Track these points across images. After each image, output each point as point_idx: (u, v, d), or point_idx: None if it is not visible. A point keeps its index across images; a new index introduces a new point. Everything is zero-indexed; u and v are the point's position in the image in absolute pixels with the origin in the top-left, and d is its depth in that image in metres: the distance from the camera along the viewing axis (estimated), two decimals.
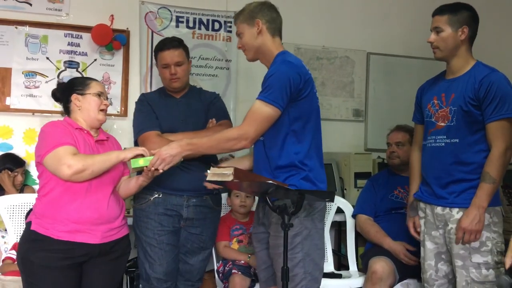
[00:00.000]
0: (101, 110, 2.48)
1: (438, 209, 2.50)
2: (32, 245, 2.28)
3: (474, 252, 2.40)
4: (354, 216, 3.47)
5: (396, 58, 4.61)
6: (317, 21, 4.45)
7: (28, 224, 2.35)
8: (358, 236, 3.57)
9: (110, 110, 3.86)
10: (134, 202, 2.80)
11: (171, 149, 2.30)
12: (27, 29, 3.76)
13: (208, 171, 2.13)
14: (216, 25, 4.23)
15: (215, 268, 3.24)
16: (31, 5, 3.77)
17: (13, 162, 3.46)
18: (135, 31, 3.97)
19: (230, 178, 2.00)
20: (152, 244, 2.70)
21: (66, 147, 2.28)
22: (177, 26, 4.13)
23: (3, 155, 3.57)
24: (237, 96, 4.24)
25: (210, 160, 2.65)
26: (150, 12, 4.04)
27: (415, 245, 2.93)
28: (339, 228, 4.09)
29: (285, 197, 2.38)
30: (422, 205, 2.63)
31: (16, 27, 3.74)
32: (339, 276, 3.32)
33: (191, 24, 4.17)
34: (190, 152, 2.34)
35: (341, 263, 4.00)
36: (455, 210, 2.46)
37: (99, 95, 2.48)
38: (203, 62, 4.20)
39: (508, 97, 2.38)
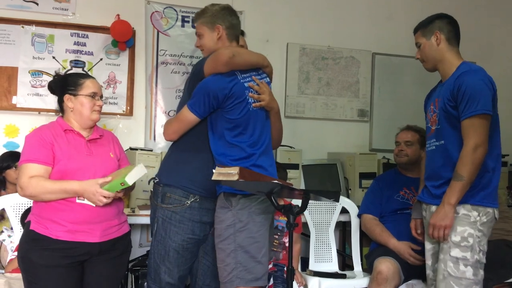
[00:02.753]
0: (95, 110, 2.43)
1: (433, 208, 2.51)
2: (32, 244, 2.28)
3: (454, 247, 2.41)
4: (359, 216, 3.47)
5: (401, 58, 4.60)
6: (322, 21, 4.45)
7: (28, 224, 2.34)
8: (363, 236, 3.57)
9: (115, 109, 3.91)
10: (162, 202, 2.51)
11: None
12: (33, 28, 3.77)
13: (214, 170, 2.14)
14: None
15: None
16: (37, 4, 3.79)
17: (11, 158, 3.50)
18: (141, 30, 3.98)
19: (236, 178, 2.00)
20: (177, 250, 2.50)
21: (32, 165, 2.27)
22: (182, 26, 4.13)
23: (8, 153, 3.59)
24: None
25: None
26: (156, 11, 4.05)
27: (421, 245, 2.92)
28: (343, 228, 4.09)
29: (289, 197, 2.39)
30: (424, 206, 2.65)
31: (22, 27, 3.75)
32: (343, 276, 3.32)
33: None
34: None
35: (345, 263, 3.99)
36: None
37: (93, 96, 2.42)
38: None
39: (479, 94, 2.39)
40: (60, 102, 2.46)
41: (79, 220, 2.28)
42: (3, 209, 3.07)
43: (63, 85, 2.45)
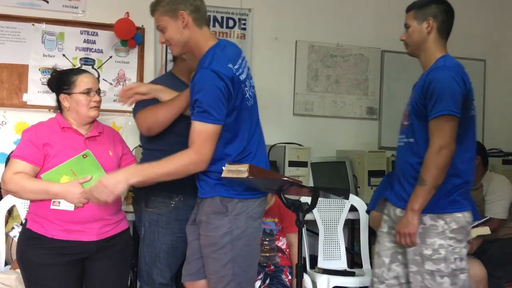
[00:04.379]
0: (92, 107, 2.35)
1: (397, 211, 2.41)
2: (29, 243, 2.27)
3: (426, 260, 2.29)
4: (368, 212, 3.46)
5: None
6: (331, 18, 4.44)
7: (25, 222, 2.33)
8: (372, 234, 3.57)
9: (125, 107, 3.91)
10: (146, 205, 2.52)
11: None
12: (43, 26, 3.79)
13: (223, 167, 2.14)
14: (231, 23, 4.23)
15: None
16: (47, 2, 3.81)
17: None
18: (150, 28, 3.98)
19: (245, 175, 2.00)
20: (167, 251, 2.50)
21: (19, 162, 2.25)
22: None
23: (10, 153, 3.62)
24: None
25: None
26: None
27: None
28: (352, 226, 4.09)
29: (299, 194, 2.38)
30: (388, 204, 2.54)
31: (33, 24, 3.77)
32: (352, 274, 3.32)
33: None
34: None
35: (354, 261, 3.99)
36: None
37: (87, 92, 2.34)
38: None
39: (447, 94, 2.22)
40: (58, 100, 2.43)
41: (74, 219, 2.24)
42: (14, 206, 3.08)
43: (58, 84, 2.40)
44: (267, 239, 3.11)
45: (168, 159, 2.11)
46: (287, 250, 3.15)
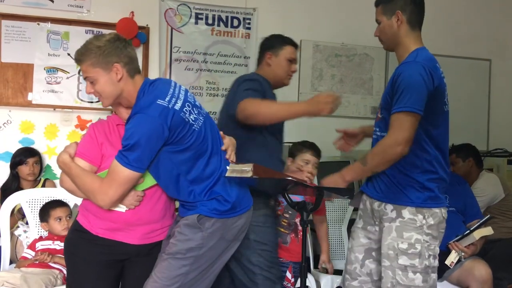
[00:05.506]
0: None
1: (375, 205, 2.37)
2: (75, 235, 2.27)
3: (401, 254, 2.25)
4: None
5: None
6: (336, 18, 4.43)
7: (77, 214, 2.34)
8: None
9: None
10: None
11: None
12: (49, 25, 3.80)
13: (228, 167, 2.14)
14: (235, 22, 4.24)
15: None
16: (53, 1, 3.82)
17: (24, 154, 3.55)
18: (155, 27, 4.00)
19: (250, 174, 2.00)
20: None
21: (78, 160, 2.22)
22: (196, 23, 4.15)
23: (22, 149, 3.64)
24: None
25: None
26: (170, 9, 4.06)
27: None
28: None
29: (303, 194, 2.38)
30: (364, 197, 2.47)
31: (38, 24, 3.79)
32: None
33: (210, 21, 4.18)
34: None
35: None
36: (389, 207, 2.31)
37: None
38: (222, 59, 4.22)
39: (411, 90, 2.16)
40: None
41: (121, 219, 2.21)
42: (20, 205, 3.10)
43: None
44: (289, 212, 2.97)
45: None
46: (300, 234, 3.02)
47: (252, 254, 2.44)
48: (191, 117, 2.10)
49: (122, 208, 2.20)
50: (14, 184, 3.53)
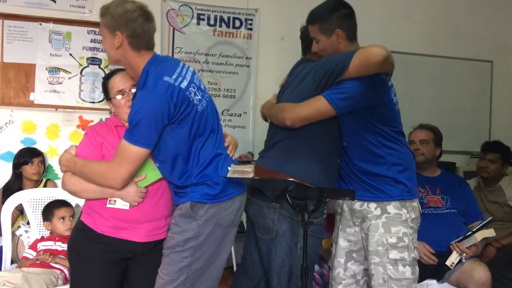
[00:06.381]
0: (129, 106, 2.27)
1: (356, 205, 2.40)
2: (79, 234, 2.29)
3: (391, 248, 2.31)
4: None
5: (416, 56, 4.57)
6: None
7: (80, 214, 2.36)
8: None
9: None
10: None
11: None
12: (51, 25, 3.81)
13: (229, 168, 2.14)
14: (237, 23, 4.24)
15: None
16: (55, 2, 3.83)
17: (29, 154, 3.56)
18: (157, 28, 3.97)
19: (251, 175, 2.00)
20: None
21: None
22: (198, 24, 4.15)
23: (25, 149, 3.65)
24: (257, 93, 4.25)
25: None
26: (172, 9, 4.07)
27: (434, 246, 2.92)
28: None
29: (305, 195, 2.37)
30: (339, 200, 2.51)
31: (40, 24, 3.80)
32: None
33: (212, 22, 4.19)
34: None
35: None
36: (372, 206, 2.36)
37: (122, 93, 2.29)
38: (224, 60, 4.22)
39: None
40: None
41: (125, 217, 2.24)
42: (21, 205, 3.10)
43: (103, 92, 2.41)
44: None
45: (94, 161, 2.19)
46: None
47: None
48: (196, 97, 2.12)
49: (125, 205, 2.22)
50: (16, 184, 3.54)
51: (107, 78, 2.39)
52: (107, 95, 2.35)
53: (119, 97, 2.28)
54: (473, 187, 3.86)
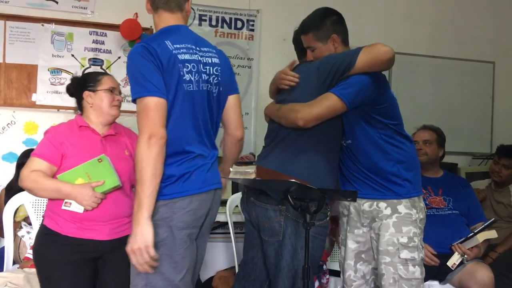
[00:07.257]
0: (114, 105, 2.44)
1: (366, 205, 2.41)
2: (44, 238, 2.31)
3: (402, 248, 2.33)
4: None
5: (418, 57, 4.56)
6: None
7: (43, 219, 2.38)
8: None
9: (133, 107, 3.93)
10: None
11: None
12: (53, 26, 3.82)
13: (231, 169, 2.14)
14: (239, 24, 4.24)
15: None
16: (57, 3, 3.84)
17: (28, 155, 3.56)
18: None
19: (253, 176, 2.01)
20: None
21: (37, 160, 2.31)
22: (200, 24, 4.15)
23: (29, 150, 3.64)
24: (258, 94, 4.25)
25: None
26: None
27: (436, 248, 2.91)
28: None
29: (307, 196, 2.37)
30: (346, 203, 2.51)
31: (42, 25, 3.80)
32: None
33: (213, 23, 4.19)
34: None
35: None
36: (382, 205, 2.37)
37: (111, 90, 2.44)
38: None
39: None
40: (80, 100, 2.48)
41: (88, 217, 2.27)
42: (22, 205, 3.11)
43: (82, 83, 2.48)
44: None
45: None
46: None
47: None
48: (189, 75, 2.02)
49: (80, 209, 2.25)
50: (18, 185, 3.54)
51: (98, 74, 2.53)
52: (92, 86, 2.42)
53: (107, 93, 2.41)
54: (484, 186, 3.90)
